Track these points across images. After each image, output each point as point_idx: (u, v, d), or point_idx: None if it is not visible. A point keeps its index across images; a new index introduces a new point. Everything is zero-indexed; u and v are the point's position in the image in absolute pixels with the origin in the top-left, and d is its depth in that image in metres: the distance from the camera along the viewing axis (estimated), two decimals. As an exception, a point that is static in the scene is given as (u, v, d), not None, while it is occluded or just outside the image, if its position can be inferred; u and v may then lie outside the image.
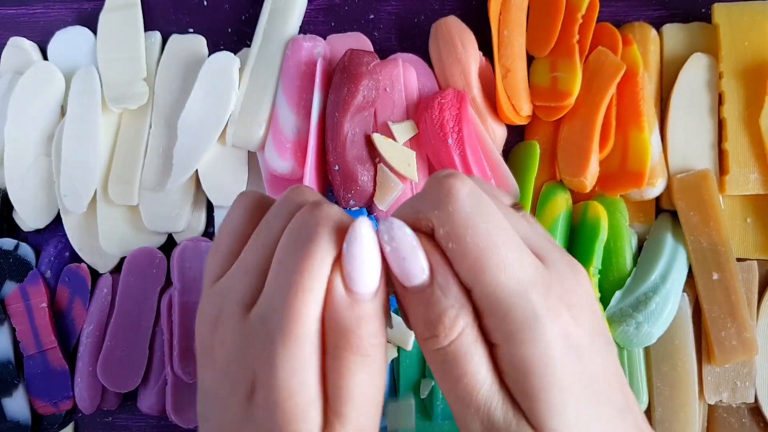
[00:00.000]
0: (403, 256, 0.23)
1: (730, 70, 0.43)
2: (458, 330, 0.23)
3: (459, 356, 0.23)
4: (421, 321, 0.23)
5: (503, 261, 0.23)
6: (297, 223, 0.24)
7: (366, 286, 0.23)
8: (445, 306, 0.23)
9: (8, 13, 0.51)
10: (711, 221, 0.41)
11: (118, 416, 0.47)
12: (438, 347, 0.23)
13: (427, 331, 0.23)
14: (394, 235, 0.23)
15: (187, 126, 0.45)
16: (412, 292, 0.24)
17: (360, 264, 0.23)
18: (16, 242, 0.47)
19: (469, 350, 0.23)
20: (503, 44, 0.44)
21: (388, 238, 0.23)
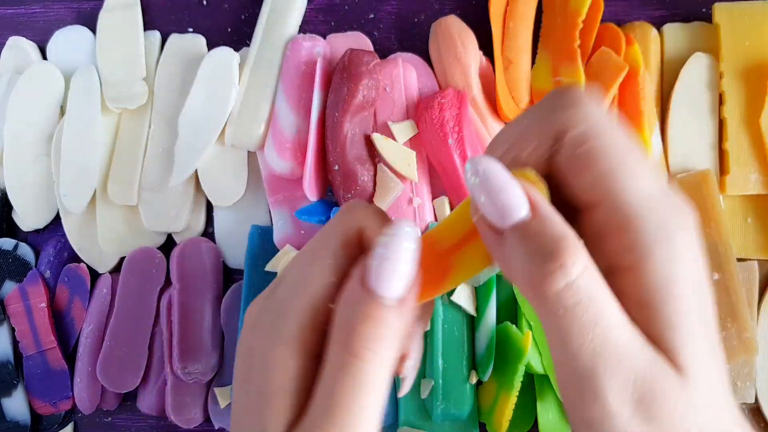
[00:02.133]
0: (498, 188, 0.20)
1: (731, 70, 0.43)
2: (584, 259, 0.19)
3: (593, 290, 0.19)
4: (536, 257, 0.19)
5: (642, 166, 0.20)
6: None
7: (387, 289, 0.21)
8: (562, 232, 0.19)
9: (8, 12, 0.50)
10: (711, 221, 0.41)
11: (118, 416, 0.47)
12: (567, 281, 0.19)
13: (550, 263, 0.19)
14: (486, 167, 0.20)
15: (187, 123, 0.45)
16: (516, 229, 0.20)
17: (385, 261, 0.21)
18: (15, 242, 0.47)
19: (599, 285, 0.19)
20: (508, 36, 0.44)
21: (480, 171, 0.20)
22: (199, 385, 0.44)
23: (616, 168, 0.20)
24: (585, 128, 0.20)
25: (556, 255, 0.19)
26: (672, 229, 0.20)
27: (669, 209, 0.20)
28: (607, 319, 0.19)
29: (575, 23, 0.43)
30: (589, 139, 0.20)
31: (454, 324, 0.42)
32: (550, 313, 0.20)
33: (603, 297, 0.20)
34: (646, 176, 0.20)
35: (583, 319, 0.19)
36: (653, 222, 0.20)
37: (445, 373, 0.41)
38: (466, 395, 0.41)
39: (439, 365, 0.41)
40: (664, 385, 0.19)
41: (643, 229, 0.20)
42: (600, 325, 0.19)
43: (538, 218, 0.20)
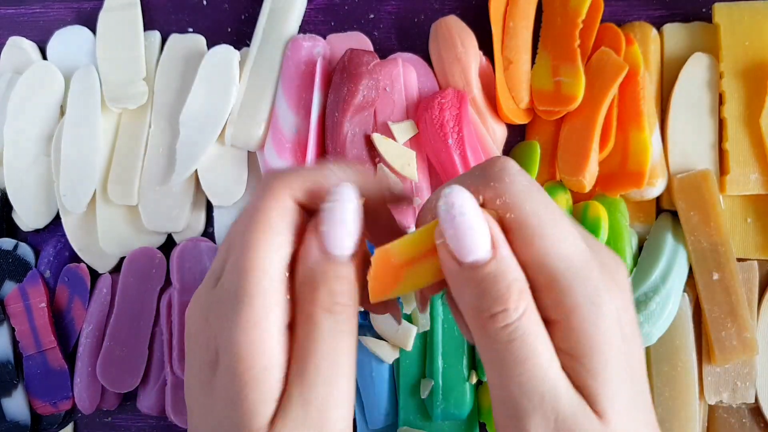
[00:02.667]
0: (467, 227, 0.22)
1: (731, 69, 0.43)
2: (525, 303, 0.22)
3: (528, 332, 0.21)
4: (486, 297, 0.22)
5: (563, 231, 0.22)
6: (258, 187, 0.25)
7: (340, 249, 0.23)
8: (511, 278, 0.22)
9: (7, 12, 0.50)
10: (711, 221, 0.41)
11: (118, 416, 0.47)
12: (507, 322, 0.21)
13: (496, 306, 0.21)
14: (462, 202, 0.22)
15: (189, 120, 0.45)
16: (471, 269, 0.22)
17: (336, 225, 0.23)
18: (15, 242, 0.47)
19: (536, 326, 0.22)
20: (508, 35, 0.44)
21: (455, 206, 0.22)
22: (199, 385, 0.44)
23: (541, 234, 0.22)
24: (507, 200, 0.23)
25: (502, 300, 0.21)
26: (595, 288, 0.22)
27: (593, 270, 0.22)
28: (537, 358, 0.21)
29: (575, 23, 0.43)
30: (512, 208, 0.23)
31: (454, 324, 0.42)
32: (488, 346, 0.22)
33: (537, 339, 0.22)
34: (568, 241, 0.22)
35: (516, 355, 0.21)
36: (580, 283, 0.22)
37: (445, 373, 0.41)
38: (466, 395, 0.41)
39: (439, 365, 0.41)
40: (585, 428, 0.21)
41: (569, 290, 0.22)
42: (530, 362, 0.21)
43: (496, 260, 0.22)
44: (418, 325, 0.42)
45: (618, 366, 0.22)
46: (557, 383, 0.22)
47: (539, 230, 0.22)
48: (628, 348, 0.23)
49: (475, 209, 0.22)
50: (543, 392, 0.21)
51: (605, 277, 0.22)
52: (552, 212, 0.23)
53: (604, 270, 0.23)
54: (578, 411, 0.21)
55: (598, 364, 0.22)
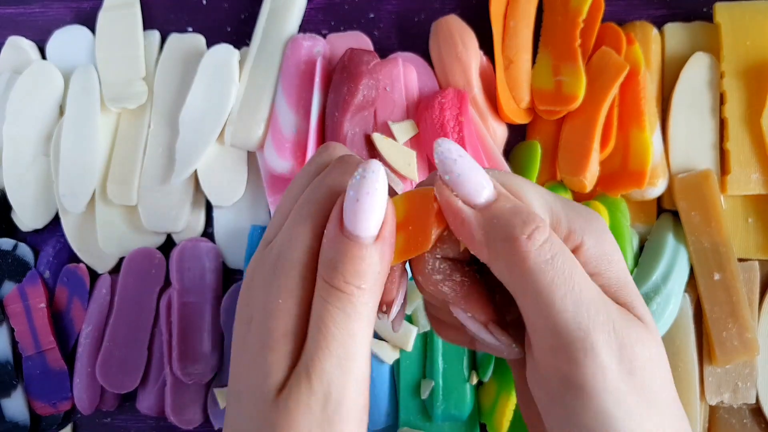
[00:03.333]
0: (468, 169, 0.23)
1: (732, 69, 0.43)
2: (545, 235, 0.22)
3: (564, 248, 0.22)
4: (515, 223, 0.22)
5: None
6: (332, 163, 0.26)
7: (361, 229, 0.22)
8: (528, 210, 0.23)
9: (7, 12, 0.50)
10: (712, 221, 0.41)
11: (117, 417, 0.47)
12: (545, 236, 0.22)
13: (527, 226, 0.22)
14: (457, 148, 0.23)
15: (188, 120, 0.45)
16: (487, 208, 0.23)
17: (357, 204, 0.22)
18: (14, 242, 0.47)
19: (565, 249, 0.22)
20: (508, 35, 0.44)
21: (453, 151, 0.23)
22: (199, 385, 0.44)
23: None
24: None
25: (532, 219, 0.22)
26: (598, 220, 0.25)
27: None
28: (580, 271, 0.22)
29: (576, 23, 0.43)
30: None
31: (455, 324, 0.42)
32: (531, 273, 0.22)
33: (570, 253, 0.22)
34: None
35: (563, 268, 0.22)
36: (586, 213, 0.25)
37: (446, 373, 0.41)
38: (467, 396, 0.41)
39: (440, 366, 0.41)
40: (636, 334, 0.22)
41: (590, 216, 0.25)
42: (576, 274, 0.22)
43: (504, 197, 0.23)
44: (419, 325, 0.42)
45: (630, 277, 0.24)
46: (601, 294, 0.22)
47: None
48: None
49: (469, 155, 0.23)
50: (598, 305, 0.22)
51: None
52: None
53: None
54: (626, 318, 0.22)
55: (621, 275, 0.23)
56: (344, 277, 0.22)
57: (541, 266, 0.22)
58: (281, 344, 0.23)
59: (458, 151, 0.23)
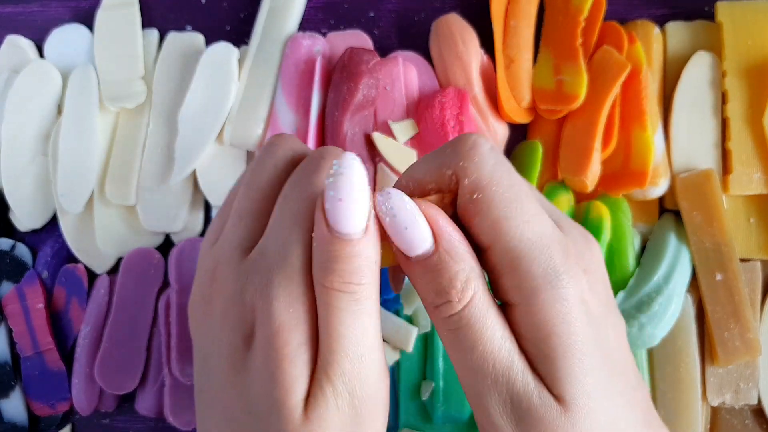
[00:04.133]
0: (404, 226, 0.22)
1: (734, 68, 0.42)
2: (471, 293, 0.22)
3: (474, 320, 0.22)
4: (430, 289, 0.22)
5: (527, 213, 0.22)
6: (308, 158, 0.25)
7: (347, 227, 0.22)
8: (456, 269, 0.22)
9: (5, 11, 0.50)
10: (714, 221, 0.41)
11: (116, 418, 0.47)
12: (451, 313, 0.22)
13: (439, 298, 0.22)
14: (392, 204, 0.22)
15: (187, 119, 0.44)
16: (418, 262, 0.23)
17: (339, 202, 0.21)
18: (12, 242, 0.47)
19: (483, 313, 0.22)
20: (509, 34, 0.44)
21: (386, 208, 0.22)
22: (198, 386, 0.44)
23: (505, 216, 0.22)
24: (476, 178, 0.23)
25: (446, 291, 0.22)
26: (555, 271, 0.22)
27: (555, 252, 0.22)
28: (485, 344, 0.22)
29: (577, 21, 0.43)
30: (479, 188, 0.23)
31: (455, 325, 0.41)
32: (440, 332, 0.23)
33: (484, 326, 0.22)
34: (532, 223, 0.22)
35: (463, 342, 0.22)
36: (539, 266, 0.22)
37: (446, 374, 0.41)
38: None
39: (440, 367, 0.41)
40: (542, 412, 0.22)
41: (528, 273, 0.22)
42: (478, 348, 0.22)
43: (438, 254, 0.22)
44: (419, 326, 0.42)
45: (581, 350, 0.22)
46: (510, 366, 0.22)
47: (504, 212, 0.22)
48: (597, 330, 0.23)
49: (409, 208, 0.22)
50: (495, 376, 0.22)
51: (569, 260, 0.22)
52: (519, 193, 0.23)
53: (571, 251, 0.23)
54: (534, 394, 0.22)
55: (556, 348, 0.22)
56: (342, 278, 0.22)
57: (447, 333, 0.23)
58: (298, 355, 0.22)
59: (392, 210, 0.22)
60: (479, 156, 0.23)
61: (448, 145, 0.24)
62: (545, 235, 0.22)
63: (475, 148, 0.23)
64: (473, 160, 0.23)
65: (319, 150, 0.26)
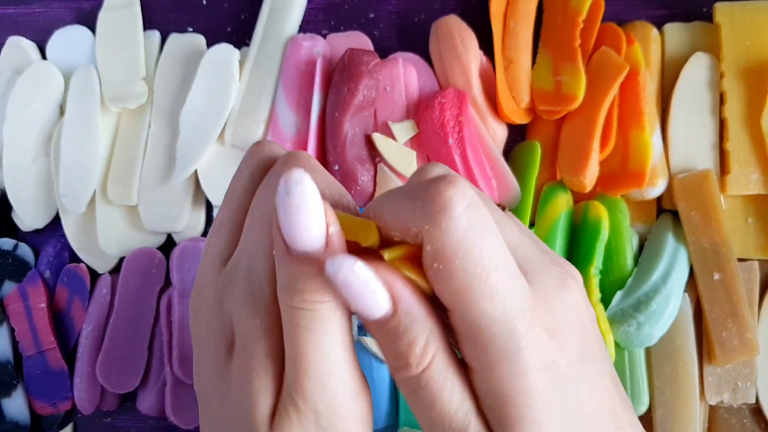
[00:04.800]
0: (358, 295, 0.20)
1: (732, 69, 0.43)
2: (429, 357, 0.22)
3: (431, 384, 0.22)
4: (390, 351, 0.22)
5: (492, 290, 0.21)
6: (273, 170, 0.24)
7: (303, 245, 0.21)
8: (413, 335, 0.21)
9: (7, 12, 0.50)
10: (712, 221, 0.41)
11: (118, 417, 0.47)
12: (410, 375, 0.22)
13: (398, 361, 0.22)
14: (343, 276, 0.20)
15: (189, 119, 0.45)
16: (377, 324, 0.22)
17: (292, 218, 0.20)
18: (15, 242, 0.47)
19: (441, 377, 0.22)
20: (508, 35, 0.44)
21: (338, 281, 0.20)
22: (199, 385, 0.44)
23: (466, 290, 0.21)
24: (439, 247, 0.20)
25: (404, 356, 0.21)
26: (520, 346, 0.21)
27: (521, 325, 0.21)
28: (442, 406, 0.22)
29: (576, 23, 0.43)
30: (442, 259, 0.20)
31: (455, 324, 0.42)
32: (401, 390, 0.23)
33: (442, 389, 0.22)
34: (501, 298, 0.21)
35: (421, 402, 0.22)
36: (498, 341, 0.21)
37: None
38: (467, 396, 0.41)
39: (440, 366, 0.41)
40: None
41: (486, 347, 0.21)
42: (435, 409, 0.22)
43: (397, 316, 0.21)
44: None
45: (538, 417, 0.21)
46: (466, 428, 0.22)
47: (464, 288, 0.21)
48: (563, 391, 0.22)
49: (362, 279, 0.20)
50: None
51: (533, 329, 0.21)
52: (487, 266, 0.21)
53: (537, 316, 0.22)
54: None
55: (510, 416, 0.21)
56: (303, 296, 0.21)
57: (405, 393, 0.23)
58: (265, 367, 0.22)
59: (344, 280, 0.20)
60: (447, 221, 0.20)
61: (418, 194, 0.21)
62: (509, 310, 0.21)
63: (445, 210, 0.20)
64: (440, 226, 0.20)
65: (282, 158, 0.25)
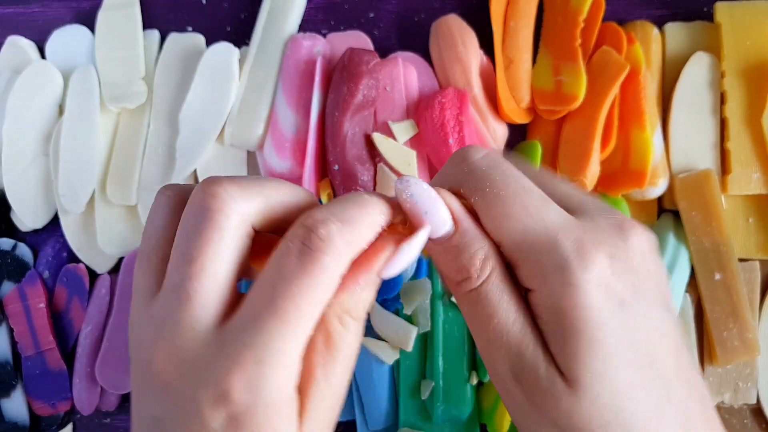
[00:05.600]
0: (424, 210, 0.23)
1: (732, 69, 0.42)
2: (488, 270, 0.24)
3: (490, 296, 0.24)
4: (452, 267, 0.24)
5: (526, 206, 0.23)
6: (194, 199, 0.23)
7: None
8: (475, 249, 0.24)
9: (6, 12, 0.50)
10: (713, 221, 0.41)
11: (117, 417, 0.47)
12: (470, 288, 0.24)
13: (459, 275, 0.24)
14: (412, 191, 0.23)
15: (188, 119, 0.45)
16: (440, 243, 0.24)
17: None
18: (14, 242, 0.47)
19: (499, 290, 0.24)
20: (509, 35, 0.44)
21: (406, 195, 0.23)
22: (199, 385, 0.44)
23: (504, 214, 0.23)
24: (470, 186, 0.24)
25: (466, 269, 0.24)
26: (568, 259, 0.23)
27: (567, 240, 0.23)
28: (499, 318, 0.23)
29: (576, 22, 0.43)
30: (474, 193, 0.24)
31: (455, 324, 0.42)
32: (461, 306, 0.25)
33: (500, 302, 0.24)
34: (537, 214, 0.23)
35: (481, 314, 0.24)
36: (546, 256, 0.23)
37: (446, 373, 0.41)
38: (467, 396, 0.41)
39: (440, 366, 0.41)
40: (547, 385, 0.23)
41: (537, 263, 0.23)
42: (493, 321, 0.23)
43: (458, 235, 0.24)
44: (418, 325, 0.42)
45: (592, 333, 0.22)
46: (521, 341, 0.23)
47: (502, 209, 0.23)
48: (622, 316, 0.22)
49: (427, 195, 0.24)
50: (508, 348, 0.23)
51: (584, 246, 0.23)
52: (516, 189, 0.24)
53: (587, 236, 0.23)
54: (541, 367, 0.23)
55: (566, 332, 0.22)
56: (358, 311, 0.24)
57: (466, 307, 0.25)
58: None
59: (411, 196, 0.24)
60: (469, 164, 0.25)
61: (446, 164, 0.26)
62: (551, 224, 0.23)
63: (464, 159, 0.25)
64: (463, 171, 0.25)
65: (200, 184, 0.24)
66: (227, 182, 0.23)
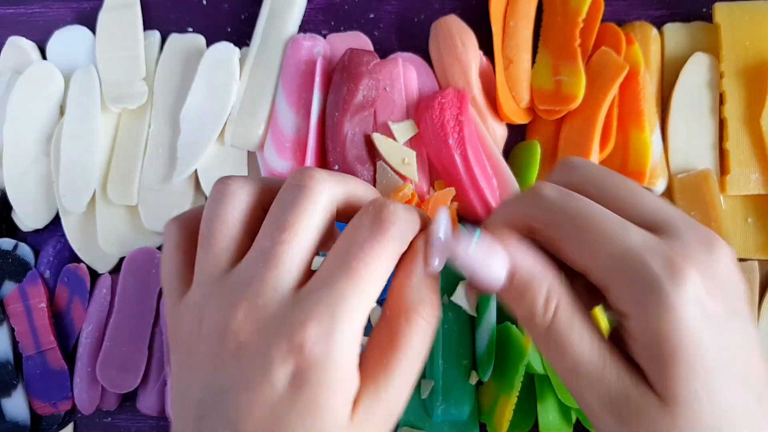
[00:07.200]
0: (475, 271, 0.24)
1: (731, 69, 0.43)
2: (553, 307, 0.24)
3: (561, 330, 0.24)
4: (517, 308, 0.25)
5: (605, 231, 0.23)
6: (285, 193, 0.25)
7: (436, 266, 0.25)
8: (535, 291, 0.24)
9: (7, 12, 0.50)
10: (712, 221, 0.41)
11: (118, 417, 0.47)
12: (540, 328, 0.24)
13: (527, 318, 0.24)
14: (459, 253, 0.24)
15: (189, 119, 0.45)
16: (503, 291, 0.25)
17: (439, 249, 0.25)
18: (15, 242, 0.47)
19: (569, 322, 0.24)
20: (508, 35, 0.44)
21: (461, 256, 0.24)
22: (199, 385, 0.44)
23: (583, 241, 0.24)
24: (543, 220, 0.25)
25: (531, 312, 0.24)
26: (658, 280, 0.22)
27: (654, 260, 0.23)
28: (575, 348, 0.24)
29: (576, 22, 0.43)
30: (549, 229, 0.25)
31: (454, 324, 0.42)
32: (536, 344, 0.25)
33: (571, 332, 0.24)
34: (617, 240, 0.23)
35: (555, 349, 0.24)
36: (633, 279, 0.23)
37: (446, 373, 0.41)
38: (467, 396, 0.41)
39: (440, 365, 0.41)
40: (642, 406, 0.23)
41: (625, 288, 0.23)
42: (569, 353, 0.24)
43: (515, 280, 0.24)
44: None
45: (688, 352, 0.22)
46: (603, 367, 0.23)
47: (581, 239, 0.24)
48: (716, 333, 0.23)
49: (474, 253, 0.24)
50: (589, 378, 0.23)
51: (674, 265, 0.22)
52: (590, 215, 0.24)
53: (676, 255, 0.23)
54: (632, 394, 0.23)
55: (662, 353, 0.22)
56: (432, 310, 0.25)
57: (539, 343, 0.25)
58: None
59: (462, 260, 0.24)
60: (541, 199, 0.25)
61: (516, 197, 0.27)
62: (634, 246, 0.23)
63: (536, 192, 0.25)
64: (537, 204, 0.25)
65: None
66: (319, 170, 0.25)
